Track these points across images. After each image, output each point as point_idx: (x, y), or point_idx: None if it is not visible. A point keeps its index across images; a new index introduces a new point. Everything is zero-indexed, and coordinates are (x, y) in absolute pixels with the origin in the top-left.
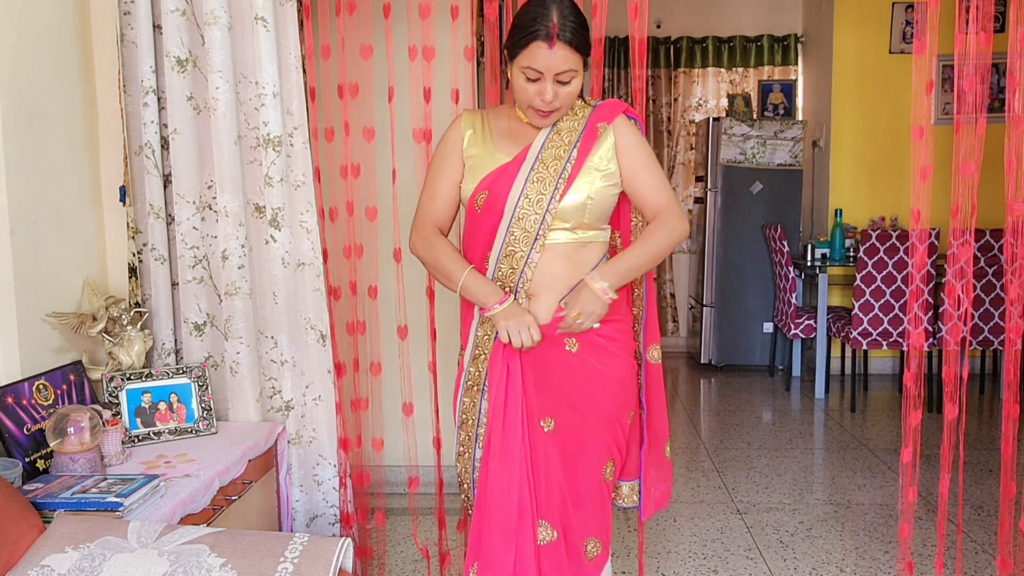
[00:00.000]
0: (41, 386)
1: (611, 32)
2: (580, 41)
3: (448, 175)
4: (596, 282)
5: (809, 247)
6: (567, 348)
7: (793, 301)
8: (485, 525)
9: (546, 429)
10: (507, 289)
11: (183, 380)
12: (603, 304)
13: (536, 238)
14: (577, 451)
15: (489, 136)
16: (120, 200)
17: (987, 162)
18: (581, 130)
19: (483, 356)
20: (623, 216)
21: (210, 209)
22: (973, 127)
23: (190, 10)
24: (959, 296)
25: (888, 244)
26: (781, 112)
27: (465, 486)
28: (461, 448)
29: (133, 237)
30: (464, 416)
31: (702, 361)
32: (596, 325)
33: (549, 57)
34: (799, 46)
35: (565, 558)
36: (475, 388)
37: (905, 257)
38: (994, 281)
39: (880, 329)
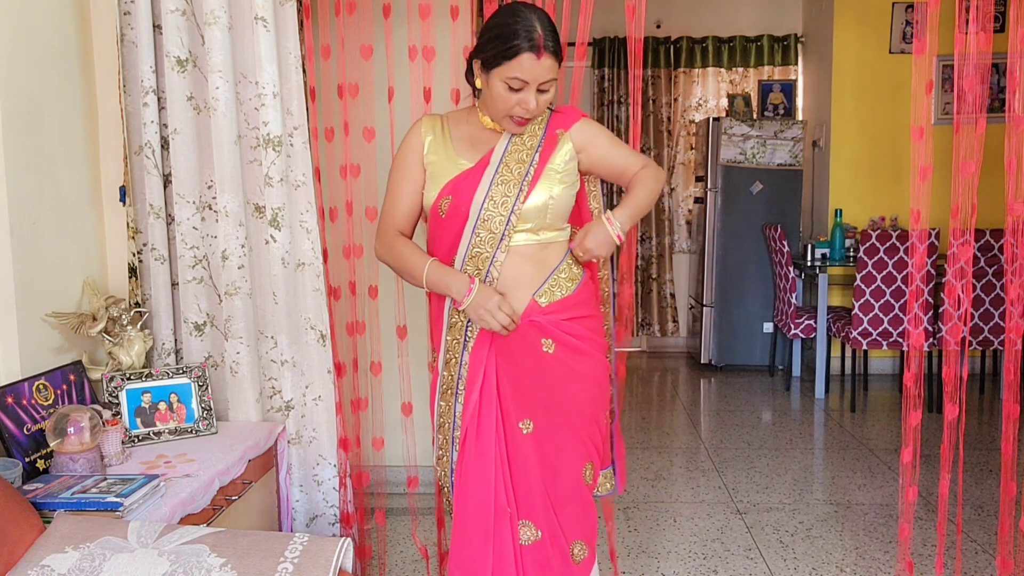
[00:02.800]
0: (41, 386)
1: (611, 32)
2: (560, 50)
3: (409, 181)
4: (612, 226)
5: (809, 247)
6: (544, 349)
7: (793, 301)
8: (463, 526)
9: (524, 431)
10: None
11: (183, 380)
12: (611, 242)
13: (502, 239)
14: (555, 453)
15: (450, 142)
16: (120, 200)
17: (987, 162)
18: (542, 135)
19: (454, 360)
20: (584, 213)
21: (210, 209)
22: (973, 127)
23: (190, 10)
24: (959, 296)
25: (888, 244)
26: (781, 112)
27: (445, 489)
28: (440, 452)
29: (133, 237)
30: (441, 420)
31: (702, 361)
32: (603, 255)
33: (537, 68)
34: (799, 46)
35: (552, 559)
36: (449, 392)
37: (905, 257)
38: (994, 281)
39: (880, 329)
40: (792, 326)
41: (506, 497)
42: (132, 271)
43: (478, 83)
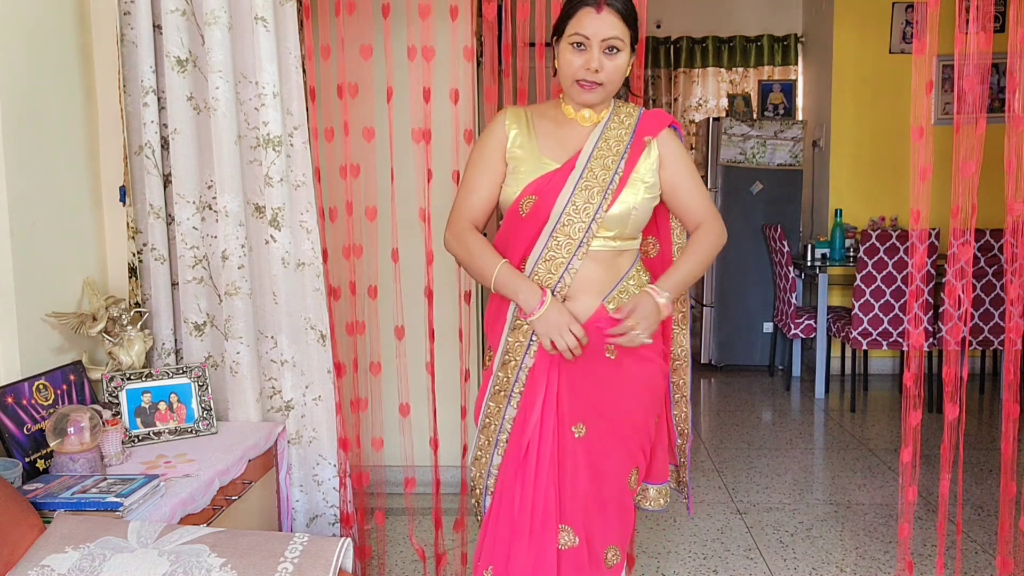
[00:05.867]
0: (41, 386)
1: None
2: (627, 11)
3: (490, 174)
4: (659, 296)
5: (809, 247)
6: (607, 355)
7: (793, 301)
8: (510, 528)
9: (577, 435)
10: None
11: (183, 380)
12: (660, 318)
13: (580, 245)
14: (604, 458)
15: (535, 138)
16: (120, 200)
17: (987, 162)
18: (628, 141)
19: (513, 362)
20: (661, 223)
21: (210, 209)
22: (973, 127)
23: (190, 10)
24: (959, 296)
25: (888, 244)
26: (781, 112)
27: (477, 491)
28: (479, 452)
29: (133, 237)
30: (487, 420)
31: (702, 361)
32: (648, 340)
33: (596, 22)
34: (799, 46)
35: (587, 564)
36: (502, 394)
37: (905, 257)
38: (994, 281)
39: (880, 329)
40: (792, 326)
41: (554, 501)
42: (132, 271)
43: (556, 63)
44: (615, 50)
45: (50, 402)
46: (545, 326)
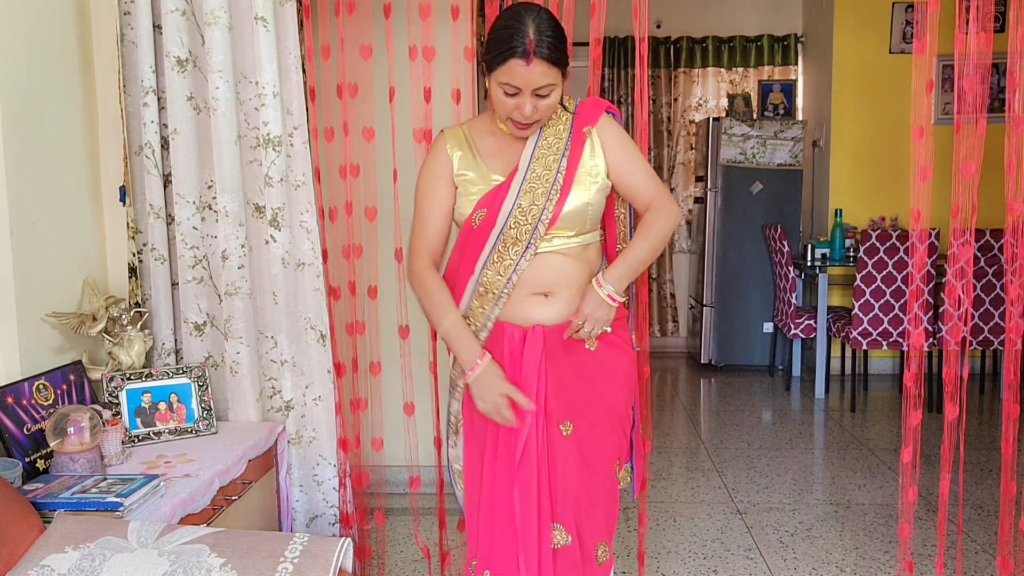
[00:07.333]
0: (41, 386)
1: (611, 32)
2: (558, 55)
3: (439, 200)
4: (601, 289)
5: (809, 247)
6: (587, 346)
7: (793, 301)
8: (504, 531)
9: (565, 433)
10: (491, 293)
11: (183, 380)
12: (609, 309)
13: (528, 246)
14: (593, 452)
15: (479, 157)
16: (120, 200)
17: (987, 162)
18: (568, 137)
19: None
20: (607, 212)
21: (210, 209)
22: (973, 127)
23: (190, 10)
24: (959, 296)
25: (888, 244)
26: (781, 112)
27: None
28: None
29: (133, 237)
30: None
31: (702, 361)
32: (608, 329)
33: (527, 74)
34: (799, 46)
35: (580, 562)
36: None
37: (905, 257)
38: (994, 281)
39: (880, 329)
40: (792, 326)
41: (546, 501)
42: (132, 271)
43: (487, 84)
44: (547, 93)
45: (50, 402)
46: (478, 390)
